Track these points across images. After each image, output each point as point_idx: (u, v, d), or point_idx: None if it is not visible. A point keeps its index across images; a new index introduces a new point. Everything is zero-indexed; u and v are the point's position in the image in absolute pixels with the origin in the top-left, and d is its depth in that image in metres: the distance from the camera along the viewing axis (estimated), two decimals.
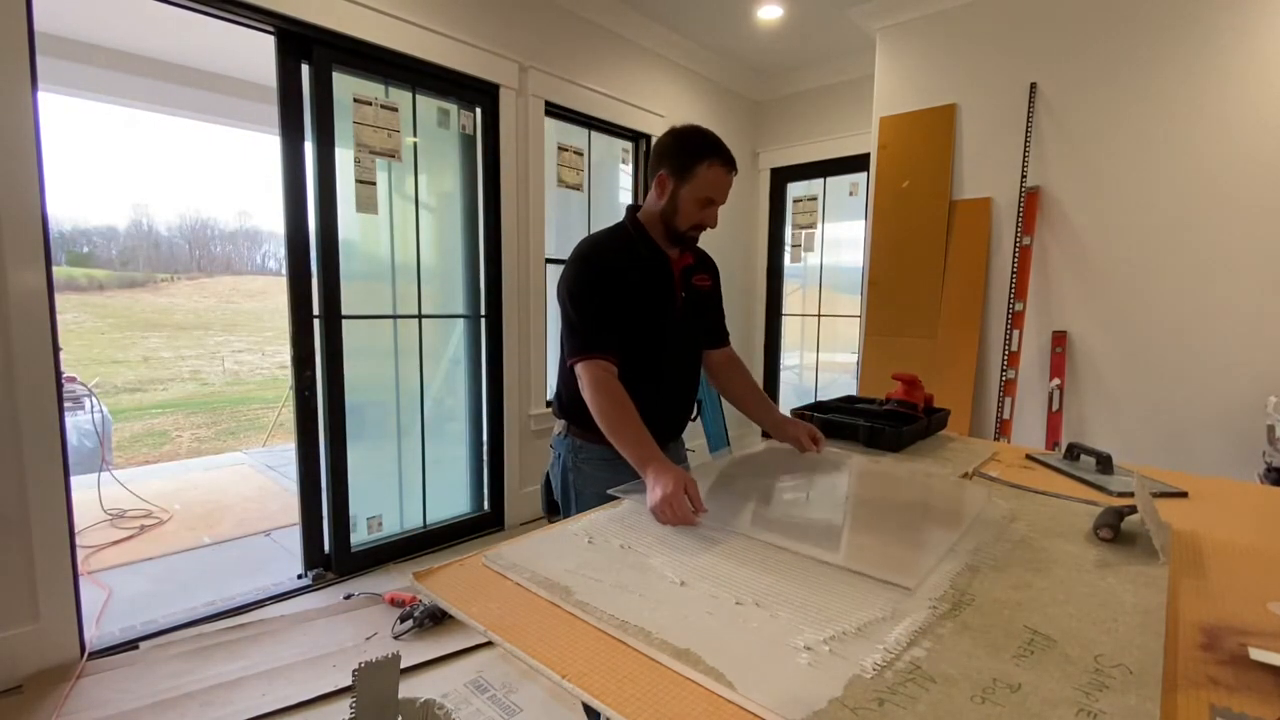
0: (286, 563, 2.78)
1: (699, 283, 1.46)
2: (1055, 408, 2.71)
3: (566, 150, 3.40)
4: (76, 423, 3.79)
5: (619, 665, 0.67)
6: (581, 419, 1.37)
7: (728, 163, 1.31)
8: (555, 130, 3.33)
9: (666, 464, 1.11)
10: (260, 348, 13.34)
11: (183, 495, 3.71)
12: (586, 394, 1.25)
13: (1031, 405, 2.82)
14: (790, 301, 4.67)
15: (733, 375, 1.58)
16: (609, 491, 1.19)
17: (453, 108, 2.91)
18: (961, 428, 2.89)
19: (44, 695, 1.83)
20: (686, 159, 1.29)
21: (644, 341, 1.33)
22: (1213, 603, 0.83)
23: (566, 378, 1.39)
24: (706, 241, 1.45)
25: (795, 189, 4.50)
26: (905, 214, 3.13)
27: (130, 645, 2.10)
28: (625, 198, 3.82)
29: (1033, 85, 2.75)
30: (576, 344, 1.28)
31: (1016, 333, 2.77)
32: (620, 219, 1.42)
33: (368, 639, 2.16)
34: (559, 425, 1.45)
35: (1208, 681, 0.66)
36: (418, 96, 2.75)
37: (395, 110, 2.63)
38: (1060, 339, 2.73)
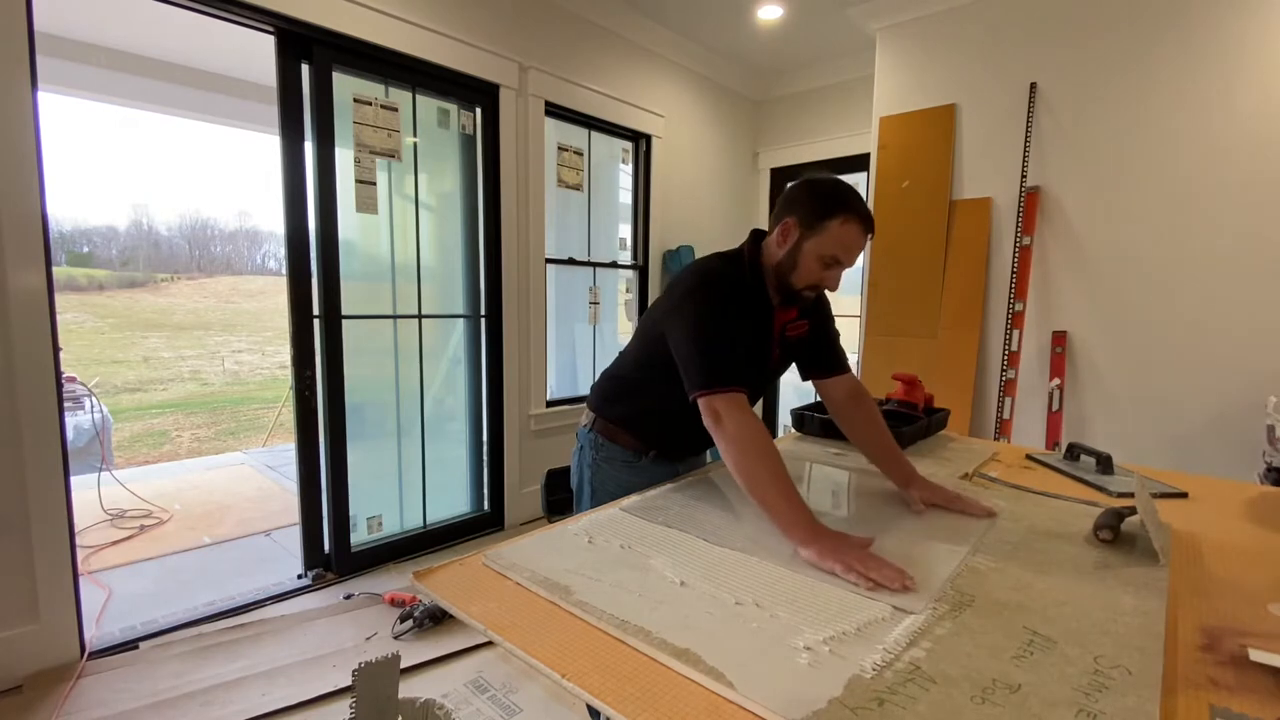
0: (286, 563, 2.78)
1: (793, 333, 1.31)
2: (1055, 408, 2.71)
3: (566, 150, 3.40)
4: (76, 423, 3.79)
5: (619, 665, 0.67)
6: (610, 417, 1.35)
7: (865, 222, 1.14)
8: (555, 130, 3.33)
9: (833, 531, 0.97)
10: (260, 348, 13.34)
11: (183, 495, 3.71)
12: (731, 441, 1.06)
13: (1031, 405, 2.82)
14: None
15: (856, 417, 1.33)
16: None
17: (453, 108, 2.90)
18: (961, 428, 2.89)
19: (44, 695, 1.83)
20: (820, 210, 1.14)
21: None
22: (1213, 604, 0.83)
23: (621, 380, 1.36)
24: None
25: None
26: (905, 214, 3.12)
27: (130, 645, 2.10)
28: (625, 198, 3.82)
29: (1033, 85, 2.75)
30: (704, 375, 1.11)
31: (1016, 333, 2.77)
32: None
33: (368, 639, 2.16)
34: (586, 416, 1.43)
35: (1208, 682, 0.66)
36: (418, 96, 2.75)
37: (395, 110, 2.63)
38: (1060, 339, 2.73)
